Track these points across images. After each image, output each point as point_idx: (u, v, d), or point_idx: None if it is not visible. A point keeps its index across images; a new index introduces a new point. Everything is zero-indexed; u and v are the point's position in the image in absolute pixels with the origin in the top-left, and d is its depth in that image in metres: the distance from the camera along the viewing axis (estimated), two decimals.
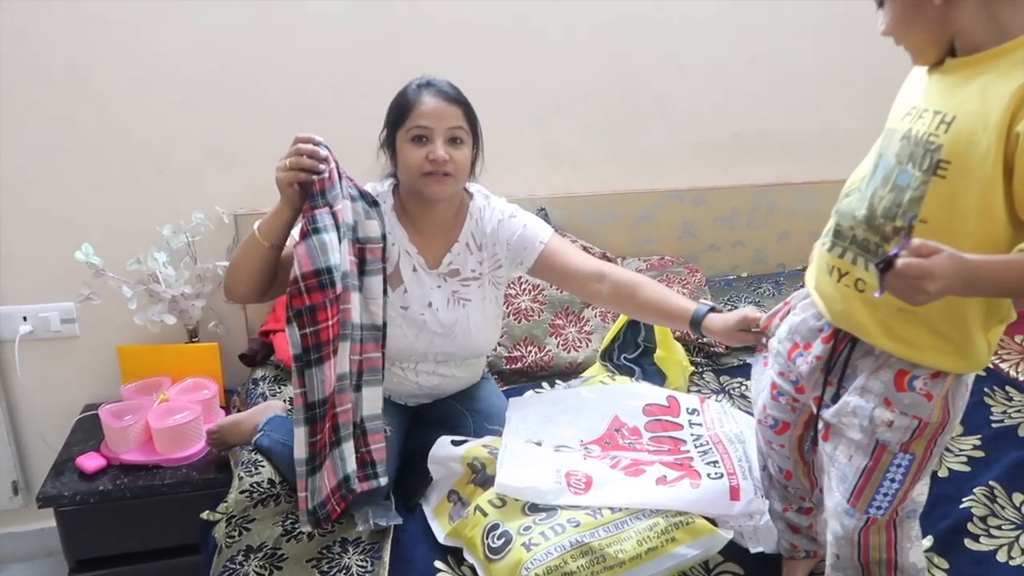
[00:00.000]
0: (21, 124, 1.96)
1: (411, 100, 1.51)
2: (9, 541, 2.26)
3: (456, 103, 1.52)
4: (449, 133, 1.50)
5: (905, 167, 1.06)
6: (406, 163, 1.51)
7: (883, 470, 1.13)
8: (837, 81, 2.57)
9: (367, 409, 1.46)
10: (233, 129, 2.10)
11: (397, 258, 1.59)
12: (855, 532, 1.18)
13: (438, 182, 1.50)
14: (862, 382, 1.13)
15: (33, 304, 2.08)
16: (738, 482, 1.33)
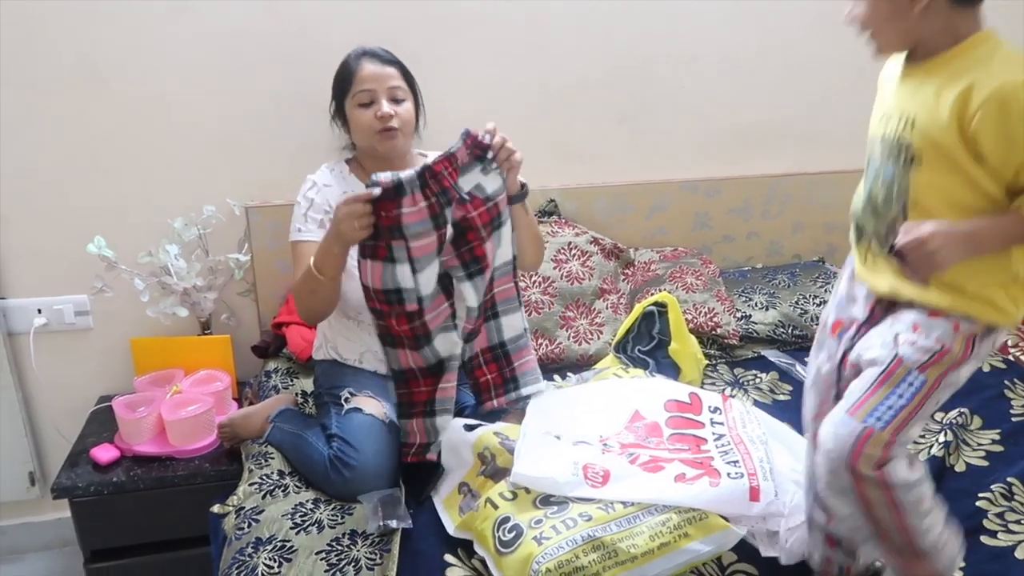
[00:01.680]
0: (33, 117, 1.96)
1: (352, 68, 1.68)
2: (26, 531, 2.28)
3: (392, 64, 1.69)
4: (390, 93, 1.67)
5: (887, 164, 1.19)
6: (358, 126, 1.69)
7: (894, 384, 1.14)
8: (851, 70, 2.52)
9: (508, 333, 1.61)
10: (244, 122, 2.10)
11: None
12: (848, 441, 1.11)
13: (389, 137, 1.67)
14: (889, 320, 1.21)
15: (47, 297, 2.09)
16: (758, 483, 1.31)
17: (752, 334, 2.17)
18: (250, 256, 2.13)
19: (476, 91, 2.23)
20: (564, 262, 2.17)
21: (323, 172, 1.76)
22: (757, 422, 1.50)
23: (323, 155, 1.87)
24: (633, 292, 2.24)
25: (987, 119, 1.06)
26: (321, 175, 1.75)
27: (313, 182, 1.73)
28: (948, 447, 1.68)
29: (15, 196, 2.00)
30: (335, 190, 1.72)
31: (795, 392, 1.94)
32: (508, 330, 1.62)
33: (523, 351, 1.64)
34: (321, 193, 1.71)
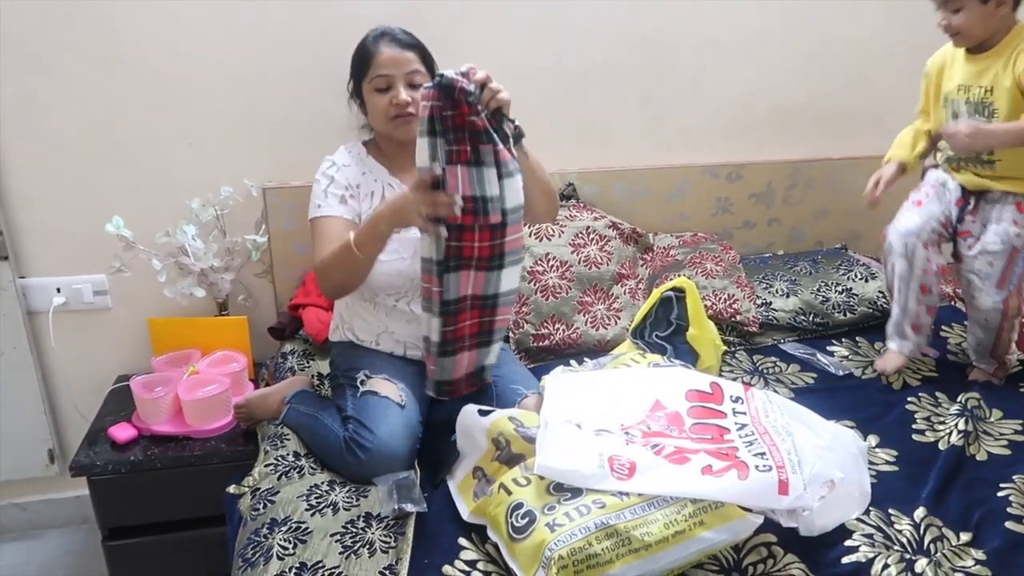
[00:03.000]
0: (52, 97, 1.96)
1: (370, 51, 1.66)
2: (47, 508, 2.32)
3: (411, 48, 1.66)
4: (408, 78, 1.65)
5: (975, 117, 1.76)
6: (374, 111, 1.68)
7: (1014, 263, 1.81)
8: (878, 54, 2.48)
9: (504, 286, 1.56)
10: (262, 102, 2.09)
11: (382, 191, 1.72)
12: (1000, 302, 1.83)
13: (405, 123, 1.65)
14: (995, 218, 1.81)
15: (66, 276, 2.10)
16: (787, 476, 1.28)
17: (772, 321, 2.14)
18: (267, 237, 2.13)
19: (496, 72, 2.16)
20: (582, 246, 2.15)
21: (341, 153, 1.76)
22: (780, 411, 1.47)
23: (341, 136, 1.86)
24: (652, 277, 2.21)
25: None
26: (340, 156, 1.75)
27: (332, 162, 1.73)
28: (967, 436, 1.65)
29: (35, 175, 2.01)
30: (354, 170, 1.72)
31: (819, 380, 1.92)
32: (505, 283, 1.56)
33: (508, 307, 1.61)
34: (341, 172, 1.71)
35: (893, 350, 1.93)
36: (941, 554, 1.34)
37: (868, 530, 1.38)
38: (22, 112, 1.96)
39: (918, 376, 1.93)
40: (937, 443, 1.65)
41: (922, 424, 1.72)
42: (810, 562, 1.31)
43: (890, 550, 1.34)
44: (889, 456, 1.62)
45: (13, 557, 2.25)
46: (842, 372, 1.96)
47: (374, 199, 1.71)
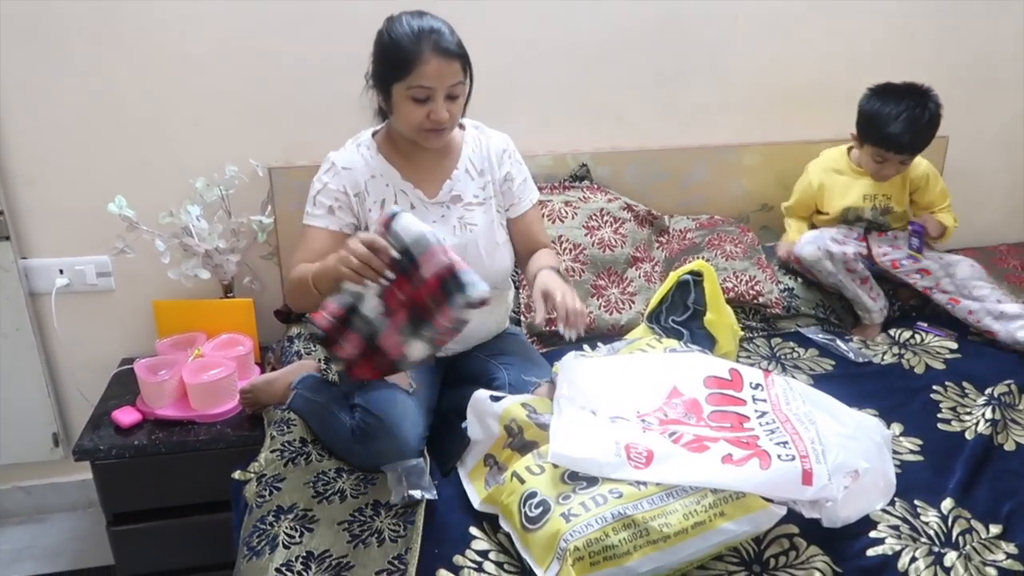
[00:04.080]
0: (54, 75, 1.92)
1: (412, 55, 1.44)
2: (51, 492, 2.29)
3: (456, 58, 1.48)
4: (450, 91, 1.48)
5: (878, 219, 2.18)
6: (404, 118, 1.51)
7: None
8: (902, 32, 2.40)
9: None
10: (268, 82, 2.03)
11: (394, 198, 1.60)
12: None
13: (438, 136, 1.53)
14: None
15: (69, 257, 2.06)
16: (811, 466, 1.24)
17: (795, 308, 2.09)
18: (273, 218, 2.08)
19: (509, 49, 2.14)
20: (596, 229, 2.09)
21: (347, 150, 1.61)
22: (801, 399, 1.42)
23: (350, 116, 1.77)
24: (669, 261, 2.16)
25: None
26: (342, 155, 1.60)
27: (332, 163, 1.59)
28: (996, 425, 1.60)
29: (37, 154, 1.97)
30: (356, 173, 1.58)
31: (838, 366, 1.87)
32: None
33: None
34: (338, 177, 1.57)
35: (866, 322, 2.09)
36: (971, 547, 1.30)
37: (894, 522, 1.33)
38: (23, 90, 1.91)
39: (939, 359, 1.88)
40: (963, 432, 1.60)
41: (947, 413, 1.67)
42: (834, 554, 1.27)
43: (917, 542, 1.29)
44: (914, 445, 1.57)
45: (18, 541, 2.23)
46: (862, 359, 1.90)
47: (385, 207, 1.57)
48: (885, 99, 2.00)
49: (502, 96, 2.10)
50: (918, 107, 1.97)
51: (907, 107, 1.97)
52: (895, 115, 1.96)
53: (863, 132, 2.06)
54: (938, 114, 2.00)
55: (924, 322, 2.06)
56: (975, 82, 2.50)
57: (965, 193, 2.63)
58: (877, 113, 2.00)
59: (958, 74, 2.42)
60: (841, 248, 2.04)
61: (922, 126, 1.98)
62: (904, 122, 1.95)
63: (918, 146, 2.02)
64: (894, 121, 1.96)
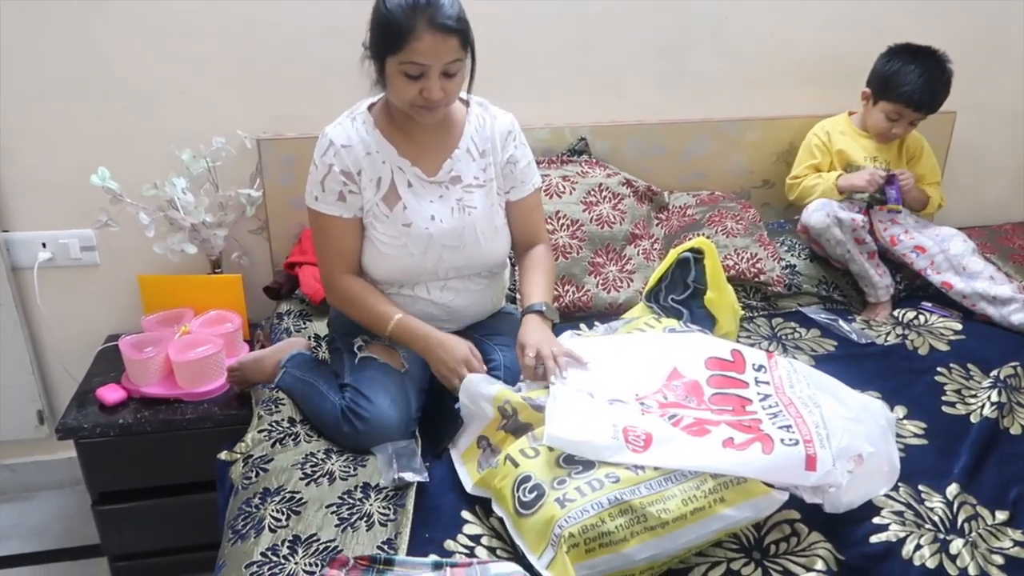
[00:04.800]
0: (33, 40, 1.84)
1: (405, 29, 1.36)
2: (37, 469, 2.25)
3: (454, 33, 1.37)
4: (445, 68, 1.39)
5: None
6: (397, 93, 1.44)
7: None
8: (909, 7, 2.33)
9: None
10: (257, 49, 1.96)
11: (391, 176, 1.52)
12: None
13: (432, 113, 1.45)
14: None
15: (52, 231, 2.00)
16: (815, 451, 1.19)
17: (797, 286, 2.05)
18: (262, 192, 2.02)
19: (507, 20, 2.07)
20: (594, 204, 2.04)
21: (342, 126, 1.53)
22: (805, 381, 1.38)
23: (342, 86, 1.69)
24: (668, 238, 2.11)
25: None
26: (339, 132, 1.52)
27: (330, 141, 1.51)
28: (1002, 409, 1.56)
29: (18, 124, 1.90)
30: (355, 151, 1.50)
31: (840, 347, 1.83)
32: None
33: None
34: (339, 156, 1.50)
35: (872, 301, 2.06)
36: (977, 534, 1.26)
37: (898, 507, 1.30)
38: (4, 57, 1.84)
39: (944, 340, 1.84)
40: (969, 416, 1.56)
41: (952, 396, 1.63)
42: (836, 540, 1.23)
43: (922, 528, 1.26)
44: (918, 428, 1.53)
45: (4, 519, 2.19)
46: (864, 340, 1.86)
47: (381, 186, 1.52)
48: (905, 58, 2.05)
49: (499, 67, 2.02)
50: (938, 68, 2.03)
51: (928, 67, 2.02)
52: (918, 72, 2.01)
53: (881, 89, 2.09)
54: (951, 76, 2.05)
55: (929, 302, 2.02)
56: (983, 57, 2.44)
57: (972, 170, 2.58)
58: (899, 70, 2.04)
59: (965, 49, 2.34)
60: (849, 215, 2.00)
61: (941, 86, 2.03)
62: (925, 80, 2.01)
63: (935, 105, 2.05)
64: (916, 78, 2.01)
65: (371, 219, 1.54)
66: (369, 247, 1.56)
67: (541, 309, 1.56)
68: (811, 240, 2.09)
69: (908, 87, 2.01)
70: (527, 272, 1.66)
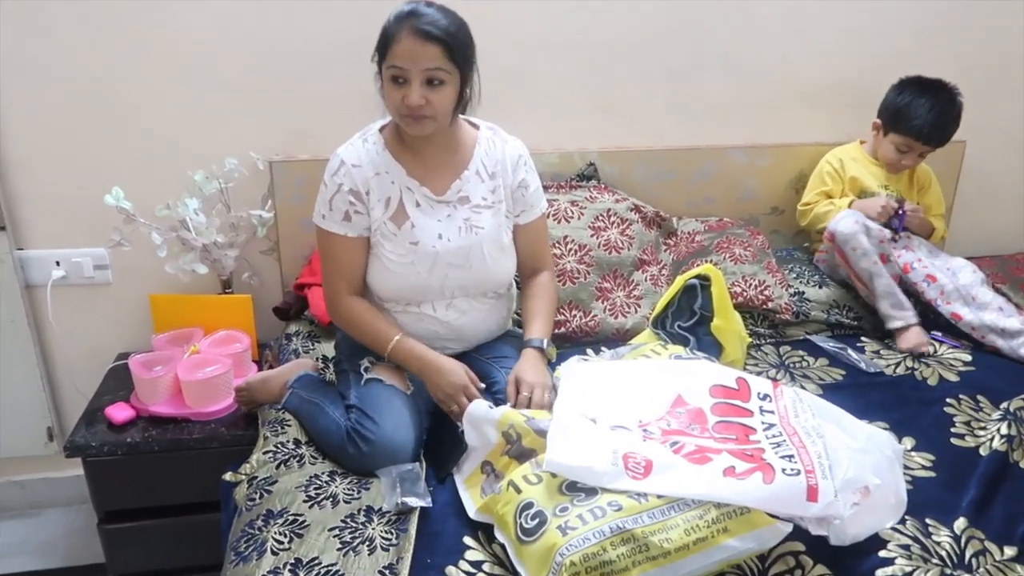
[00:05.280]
0: (49, 61, 1.88)
1: (391, 33, 1.43)
2: (45, 486, 2.26)
3: (436, 41, 1.40)
4: (425, 75, 1.42)
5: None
6: (387, 101, 1.49)
7: None
8: (925, 32, 2.34)
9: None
10: (270, 70, 1.99)
11: (399, 195, 1.55)
12: None
13: (416, 123, 1.47)
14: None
15: (66, 249, 2.03)
16: (816, 481, 1.18)
17: (805, 314, 2.03)
18: (273, 213, 2.05)
19: (516, 44, 2.09)
20: (602, 230, 2.04)
21: (354, 146, 1.55)
22: (810, 411, 1.37)
23: (353, 109, 1.72)
24: (676, 263, 2.11)
25: None
26: (350, 151, 1.54)
27: (341, 161, 1.53)
28: (1012, 441, 1.55)
29: (34, 142, 1.94)
30: (365, 171, 1.53)
31: (848, 376, 1.82)
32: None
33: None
34: (349, 175, 1.52)
35: (901, 325, 1.96)
36: (984, 569, 1.25)
37: (904, 540, 1.28)
38: (20, 75, 1.88)
39: (953, 371, 1.82)
40: (978, 448, 1.55)
41: (961, 428, 1.62)
42: (842, 574, 1.22)
43: (928, 563, 1.24)
44: (926, 460, 1.52)
45: (11, 536, 2.20)
46: (873, 369, 1.85)
47: (390, 206, 1.54)
48: (917, 90, 2.07)
49: (509, 92, 2.06)
50: (948, 102, 2.05)
51: (938, 101, 2.04)
52: (928, 106, 2.03)
53: (891, 121, 2.11)
54: (961, 109, 2.07)
55: (939, 331, 2.00)
56: (994, 85, 2.44)
57: (982, 199, 2.58)
58: (910, 103, 2.06)
59: (976, 76, 2.35)
60: (877, 226, 2.00)
61: (950, 119, 2.06)
62: (935, 114, 2.03)
63: (944, 139, 2.08)
64: (927, 112, 2.03)
65: (379, 237, 1.56)
66: (377, 264, 1.57)
67: (541, 347, 1.60)
68: (835, 249, 2.03)
69: (918, 121, 2.03)
70: (530, 300, 1.69)
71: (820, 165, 2.26)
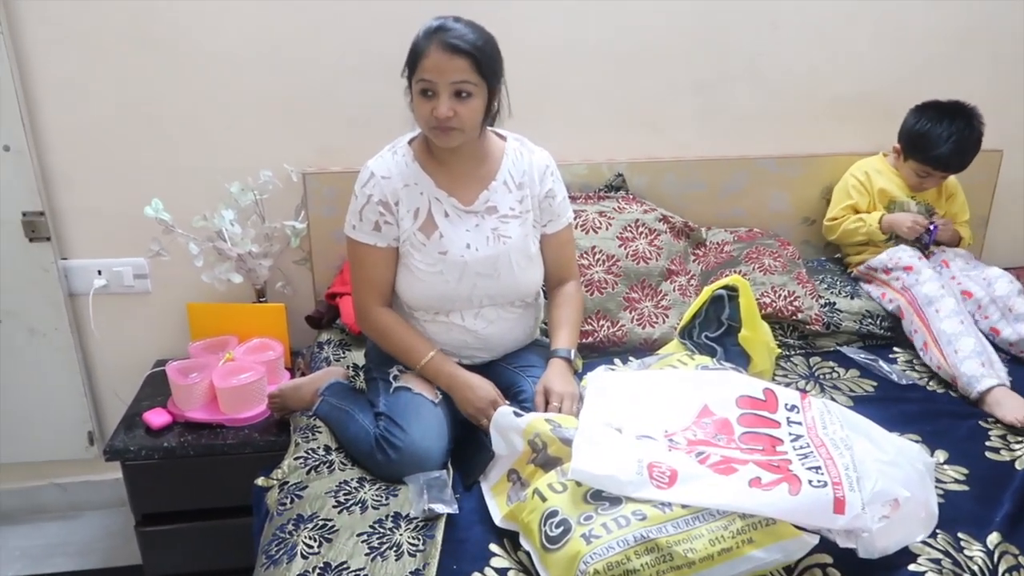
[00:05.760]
0: (91, 79, 1.95)
1: (420, 48, 1.47)
2: (85, 489, 2.33)
3: (463, 54, 1.44)
4: (453, 88, 1.46)
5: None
6: (417, 114, 1.52)
7: None
8: (953, 42, 2.31)
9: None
10: (304, 85, 2.04)
11: (428, 206, 1.58)
12: None
13: (445, 134, 1.50)
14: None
15: (107, 259, 2.09)
16: (844, 493, 1.18)
17: (836, 325, 2.01)
18: (307, 224, 2.09)
19: (543, 55, 2.12)
20: (630, 240, 2.05)
21: (383, 159, 1.59)
22: (839, 422, 1.36)
23: (384, 122, 1.76)
24: (705, 274, 2.11)
25: None
26: (380, 164, 1.58)
27: (371, 172, 1.57)
28: None
29: (77, 156, 2.01)
30: (394, 182, 1.56)
31: (879, 388, 1.80)
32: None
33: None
34: (379, 187, 1.56)
35: (995, 384, 1.70)
36: None
37: (935, 555, 1.26)
38: (63, 92, 1.95)
39: None
40: (1013, 462, 1.52)
41: (996, 442, 1.59)
42: None
43: None
44: (959, 474, 1.49)
45: (53, 537, 2.26)
46: (905, 381, 1.83)
47: (419, 216, 1.57)
48: (934, 118, 2.04)
49: (537, 103, 2.08)
50: (967, 128, 2.03)
51: (957, 128, 2.01)
52: (946, 136, 2.01)
53: (910, 148, 2.10)
54: (982, 133, 2.06)
55: None
56: None
57: (1019, 208, 2.53)
58: (928, 133, 2.04)
59: (1011, 84, 2.32)
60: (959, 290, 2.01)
61: (970, 146, 2.05)
62: (954, 143, 2.01)
63: (964, 165, 2.09)
64: (945, 142, 2.01)
65: (408, 247, 1.58)
66: (407, 274, 1.60)
67: (568, 357, 1.63)
68: (914, 311, 1.94)
69: (937, 151, 2.02)
70: (557, 309, 1.71)
71: (844, 179, 2.25)
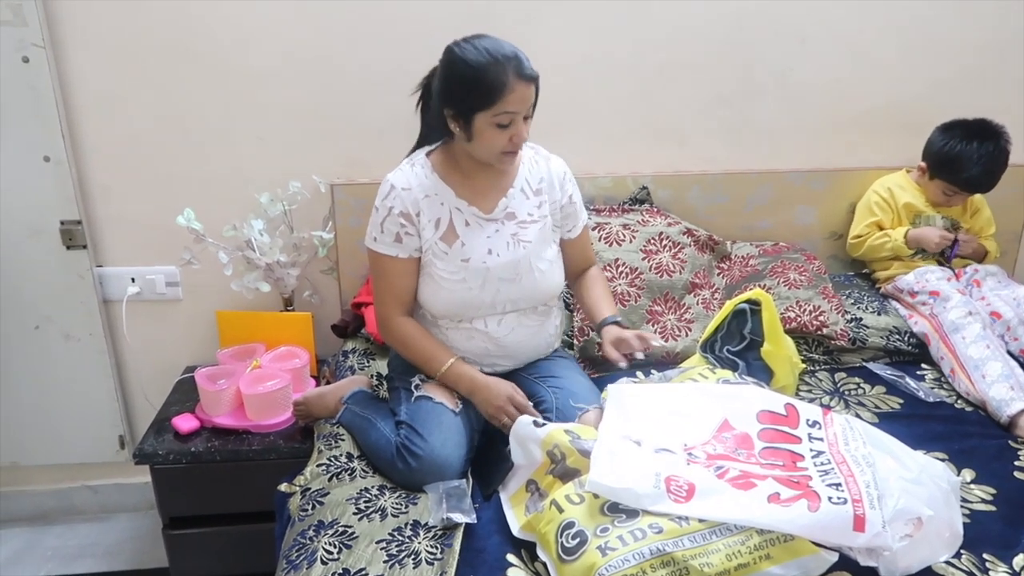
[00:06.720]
0: (127, 91, 2.01)
1: (498, 84, 1.45)
2: (116, 492, 2.38)
3: (535, 81, 1.50)
4: (526, 112, 1.51)
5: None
6: (487, 144, 1.52)
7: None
8: (985, 54, 2.28)
9: None
10: (332, 99, 2.08)
11: (449, 216, 1.60)
12: None
13: (512, 158, 1.57)
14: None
15: (140, 267, 2.15)
16: (864, 511, 1.16)
17: (862, 340, 1.98)
18: (334, 234, 2.12)
19: (568, 67, 2.13)
20: (654, 253, 2.05)
21: (403, 171, 1.61)
22: (862, 439, 1.35)
23: (410, 135, 1.77)
24: (730, 287, 2.10)
25: None
26: (399, 176, 1.60)
27: (392, 185, 1.59)
28: None
29: (114, 167, 2.07)
30: (415, 193, 1.58)
31: (906, 405, 1.77)
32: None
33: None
34: (400, 199, 1.57)
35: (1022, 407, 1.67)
36: None
37: (958, 575, 1.24)
38: (102, 104, 2.01)
39: None
40: None
41: None
42: None
43: None
44: (986, 494, 1.47)
45: (84, 538, 2.31)
46: (933, 399, 1.80)
47: (440, 226, 1.59)
48: (961, 139, 2.02)
49: (562, 116, 2.10)
50: (996, 149, 2.02)
51: (985, 149, 1.99)
52: (975, 158, 1.99)
53: (936, 168, 2.08)
54: (1009, 152, 2.04)
55: None
56: None
57: None
58: (957, 155, 2.02)
59: None
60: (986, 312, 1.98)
61: (998, 167, 2.03)
62: (982, 164, 1.99)
63: (994, 185, 2.07)
64: (973, 164, 1.99)
65: (431, 257, 1.60)
66: (430, 283, 1.62)
67: (618, 320, 1.70)
68: (939, 336, 1.93)
69: (966, 173, 2.01)
70: (588, 290, 1.78)
71: (867, 195, 2.24)
